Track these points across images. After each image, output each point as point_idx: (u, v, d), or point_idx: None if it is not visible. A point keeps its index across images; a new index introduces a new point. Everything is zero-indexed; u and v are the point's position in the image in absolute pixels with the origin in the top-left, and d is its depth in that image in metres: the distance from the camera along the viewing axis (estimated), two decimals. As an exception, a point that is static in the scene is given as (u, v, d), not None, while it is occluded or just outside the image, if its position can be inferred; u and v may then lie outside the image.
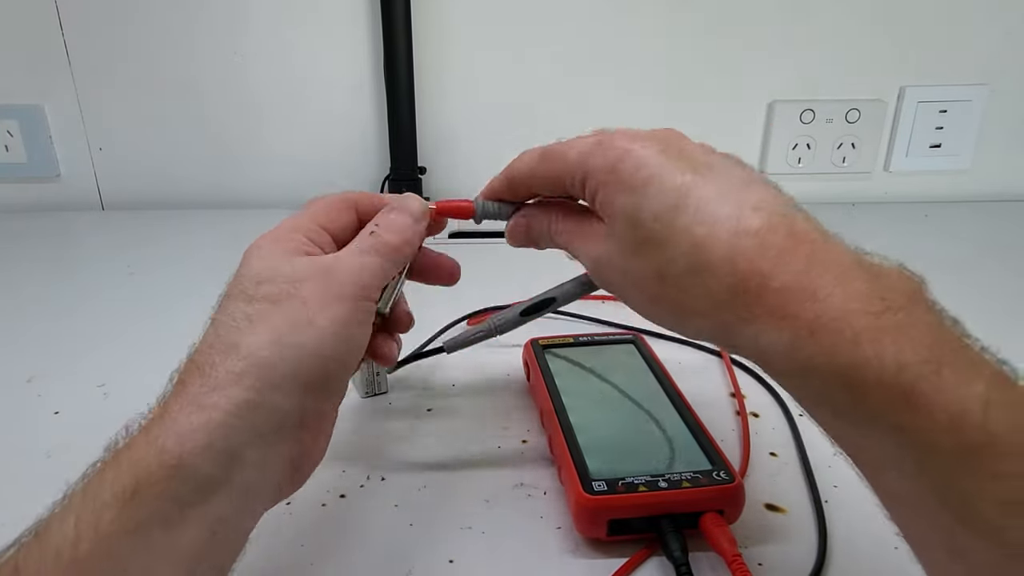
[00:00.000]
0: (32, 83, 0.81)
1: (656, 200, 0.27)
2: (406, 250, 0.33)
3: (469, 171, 0.86)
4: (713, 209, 0.26)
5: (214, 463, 0.24)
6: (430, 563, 0.34)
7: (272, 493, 0.28)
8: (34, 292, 0.64)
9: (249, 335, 0.26)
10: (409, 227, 0.33)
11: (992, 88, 0.83)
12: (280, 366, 0.26)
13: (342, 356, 0.28)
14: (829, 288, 0.24)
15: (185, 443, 0.24)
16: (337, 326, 0.28)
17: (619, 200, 0.28)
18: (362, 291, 0.29)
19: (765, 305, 0.25)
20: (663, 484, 0.33)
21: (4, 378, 0.50)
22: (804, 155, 0.85)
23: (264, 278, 0.28)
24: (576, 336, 0.48)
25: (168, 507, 0.24)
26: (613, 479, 0.34)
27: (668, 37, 0.81)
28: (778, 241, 0.26)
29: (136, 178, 0.86)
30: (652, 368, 0.44)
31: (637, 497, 0.33)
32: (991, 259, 0.71)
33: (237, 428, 0.25)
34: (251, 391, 0.25)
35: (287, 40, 0.81)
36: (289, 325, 0.27)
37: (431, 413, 0.45)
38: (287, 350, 0.26)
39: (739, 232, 0.26)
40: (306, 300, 0.27)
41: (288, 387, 0.26)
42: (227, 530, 0.25)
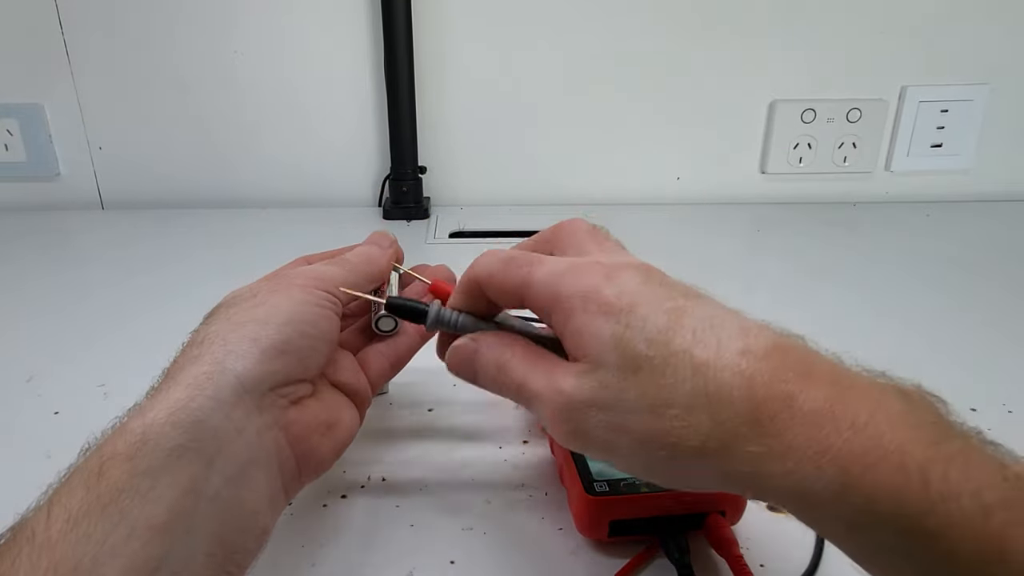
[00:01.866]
0: (32, 83, 0.81)
1: (647, 323, 0.24)
2: (366, 269, 0.36)
3: (469, 171, 0.86)
4: (714, 331, 0.24)
5: (179, 433, 0.25)
6: (431, 564, 0.34)
7: (267, 462, 0.28)
8: (34, 292, 0.64)
9: (206, 330, 0.29)
10: (371, 252, 0.37)
11: (993, 88, 0.83)
12: (231, 336, 0.28)
13: (296, 322, 0.30)
14: (867, 413, 0.22)
15: (147, 421, 0.25)
16: (285, 302, 0.30)
17: (600, 326, 0.25)
18: (314, 283, 0.32)
19: (797, 435, 0.22)
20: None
21: (4, 378, 0.50)
22: (805, 155, 0.84)
23: (225, 300, 0.32)
24: None
25: (137, 480, 0.23)
26: (615, 480, 0.34)
27: (669, 37, 0.81)
28: (793, 363, 0.23)
29: (136, 178, 0.86)
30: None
31: (639, 498, 0.33)
32: (992, 259, 0.71)
33: (196, 399, 0.26)
34: (206, 364, 0.27)
35: (287, 40, 0.81)
36: (242, 312, 0.30)
37: (432, 413, 0.45)
38: (239, 326, 0.29)
39: (748, 353, 0.23)
40: (257, 294, 0.31)
41: (243, 352, 0.28)
42: (208, 490, 0.25)
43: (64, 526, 0.22)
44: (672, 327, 0.24)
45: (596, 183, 0.87)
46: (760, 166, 0.87)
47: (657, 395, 0.23)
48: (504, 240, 0.72)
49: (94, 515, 0.22)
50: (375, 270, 0.37)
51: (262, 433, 0.28)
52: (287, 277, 0.32)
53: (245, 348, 0.28)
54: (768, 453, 0.22)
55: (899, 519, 0.20)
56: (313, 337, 0.30)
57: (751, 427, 0.22)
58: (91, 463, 0.24)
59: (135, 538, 0.22)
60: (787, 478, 0.22)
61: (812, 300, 0.62)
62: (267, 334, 0.28)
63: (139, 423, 0.25)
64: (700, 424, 0.23)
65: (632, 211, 0.83)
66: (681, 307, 0.25)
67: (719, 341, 0.24)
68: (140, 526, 0.23)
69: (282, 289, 0.31)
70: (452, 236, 0.78)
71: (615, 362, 0.24)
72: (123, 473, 0.23)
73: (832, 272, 0.68)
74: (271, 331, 0.29)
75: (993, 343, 0.54)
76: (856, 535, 0.22)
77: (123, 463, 0.23)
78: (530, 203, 0.87)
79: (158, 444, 0.24)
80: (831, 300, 0.62)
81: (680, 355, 0.24)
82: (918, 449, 0.21)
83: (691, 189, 0.87)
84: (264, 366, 0.28)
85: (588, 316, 0.25)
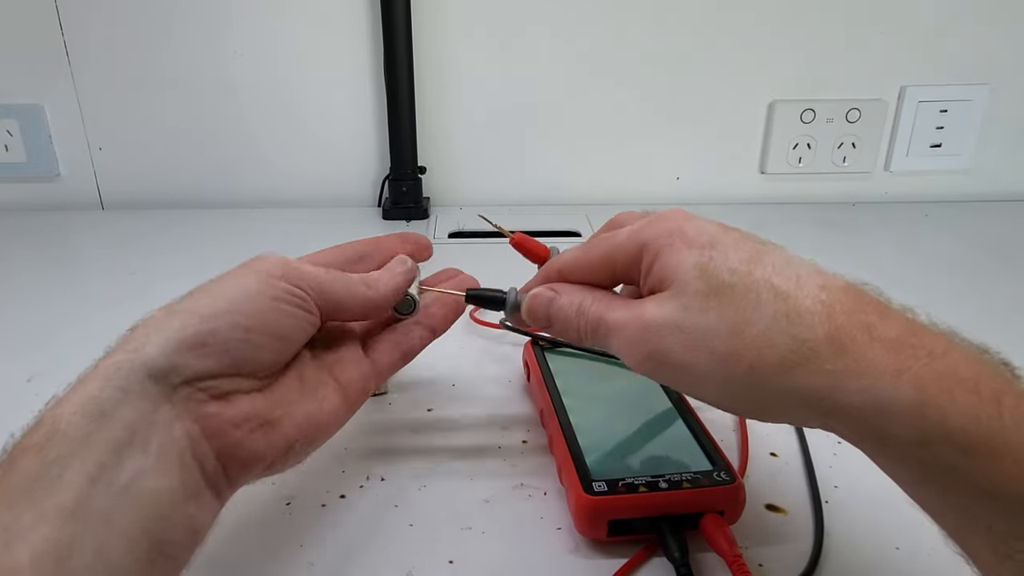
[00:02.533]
0: (32, 83, 0.81)
1: (728, 256, 0.26)
2: (361, 294, 0.33)
3: (469, 171, 0.86)
4: (792, 268, 0.26)
5: (87, 422, 0.24)
6: (430, 563, 0.34)
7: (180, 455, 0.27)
8: (34, 292, 0.64)
9: (149, 314, 0.28)
10: (369, 298, 0.34)
11: (993, 88, 0.83)
12: (158, 325, 0.27)
13: (234, 313, 0.28)
14: (943, 347, 0.23)
15: (58, 412, 0.25)
16: (233, 289, 0.28)
17: (685, 257, 0.27)
18: (280, 272, 0.30)
19: (876, 356, 0.23)
20: (663, 485, 0.33)
21: (4, 378, 0.50)
22: (805, 155, 0.84)
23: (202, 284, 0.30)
24: None
25: (46, 469, 0.23)
26: (613, 479, 0.34)
27: (668, 37, 0.81)
28: (870, 301, 0.25)
29: (136, 178, 0.86)
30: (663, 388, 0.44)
31: (637, 498, 0.33)
32: (992, 259, 0.71)
33: (105, 389, 0.25)
34: (121, 353, 0.26)
35: (287, 40, 0.81)
36: (189, 297, 0.28)
37: (431, 413, 0.45)
38: (172, 313, 0.28)
39: (827, 287, 0.25)
40: (223, 275, 0.29)
41: (158, 342, 0.27)
42: (119, 480, 0.24)
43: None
44: (752, 261, 0.26)
45: (596, 183, 0.87)
46: (760, 166, 0.87)
47: (738, 317, 0.25)
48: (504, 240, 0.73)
49: (1, 505, 0.22)
50: (369, 298, 0.33)
51: (171, 425, 0.26)
52: (259, 262, 0.30)
53: (162, 338, 0.27)
54: (846, 370, 0.23)
55: (969, 436, 0.21)
56: (254, 331, 0.28)
57: (830, 347, 0.24)
58: (6, 458, 0.24)
59: (44, 523, 0.22)
60: (863, 393, 0.23)
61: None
62: (191, 324, 0.27)
63: (51, 414, 0.25)
64: (780, 342, 0.24)
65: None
66: (759, 248, 0.27)
67: (798, 276, 0.25)
68: (49, 512, 0.22)
69: (241, 276, 0.29)
70: (452, 236, 0.78)
71: (697, 287, 0.26)
72: (32, 463, 0.23)
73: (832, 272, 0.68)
74: (196, 321, 0.27)
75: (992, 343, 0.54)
76: (921, 452, 0.22)
77: (33, 454, 0.23)
78: (530, 203, 0.87)
79: (66, 433, 0.24)
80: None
81: (761, 283, 0.25)
82: (993, 382, 0.22)
83: (691, 189, 0.87)
84: (178, 358, 0.27)
85: (673, 250, 0.27)
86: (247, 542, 0.35)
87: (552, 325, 0.31)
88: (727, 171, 0.87)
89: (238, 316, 0.28)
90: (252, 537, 0.35)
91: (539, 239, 0.39)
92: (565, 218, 0.80)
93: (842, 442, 0.25)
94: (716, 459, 0.35)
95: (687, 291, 0.26)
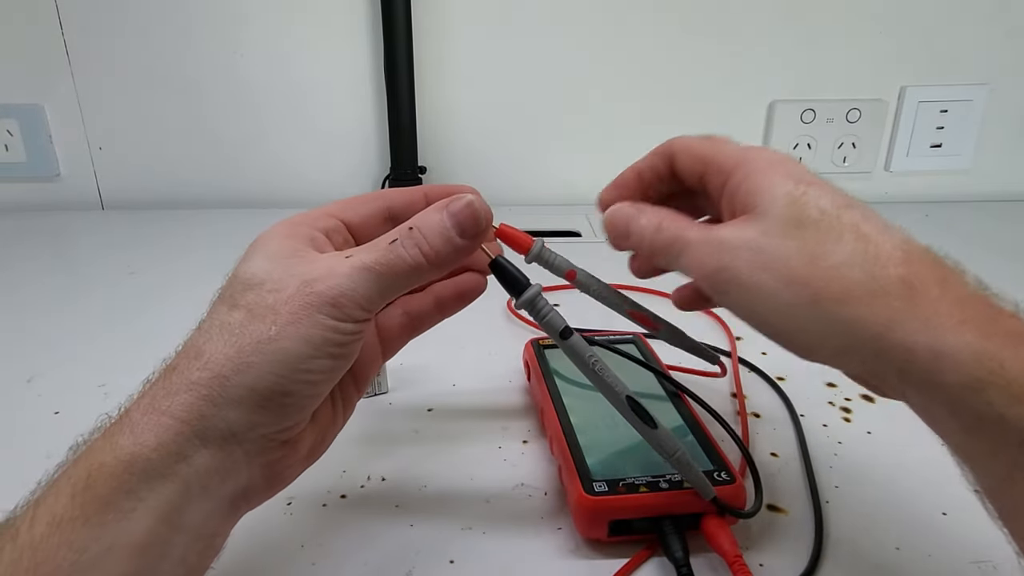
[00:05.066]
0: (32, 83, 0.81)
1: (822, 197, 0.27)
2: (428, 271, 0.28)
3: (469, 171, 0.86)
4: (879, 220, 0.27)
5: (162, 460, 0.25)
6: (431, 563, 0.34)
7: (238, 495, 0.27)
8: (34, 292, 0.64)
9: (215, 344, 0.26)
10: (449, 242, 0.28)
11: (993, 88, 0.83)
12: (234, 379, 0.25)
13: (304, 370, 0.26)
14: (1011, 310, 0.24)
15: (138, 442, 0.25)
16: (299, 345, 0.26)
17: (780, 184, 0.27)
18: (341, 313, 0.26)
19: (944, 303, 0.24)
20: (664, 485, 0.33)
21: (4, 378, 0.50)
22: (805, 155, 0.85)
23: (254, 283, 0.27)
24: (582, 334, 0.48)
25: (120, 498, 0.24)
26: (614, 480, 0.34)
27: (668, 37, 0.81)
28: (947, 264, 0.26)
29: (136, 178, 0.86)
30: (653, 368, 0.44)
31: (638, 498, 0.33)
32: (992, 259, 0.71)
33: (185, 435, 0.25)
34: (203, 401, 0.25)
35: (287, 40, 0.81)
36: (254, 341, 0.26)
37: (431, 413, 0.45)
38: (244, 367, 0.25)
39: (909, 242, 0.26)
40: (277, 312, 0.26)
41: (238, 402, 0.25)
42: (183, 522, 0.25)
43: (47, 529, 0.23)
44: (844, 207, 0.27)
45: (596, 183, 0.86)
46: (760, 166, 0.87)
47: (817, 249, 0.26)
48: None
49: (78, 524, 0.23)
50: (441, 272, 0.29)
51: (241, 475, 0.27)
52: (309, 295, 0.26)
53: (241, 396, 0.25)
54: (911, 309, 0.24)
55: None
56: (319, 383, 0.27)
57: (900, 287, 0.24)
58: (79, 469, 0.24)
59: (113, 555, 0.23)
60: (921, 334, 0.23)
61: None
62: (266, 387, 0.26)
63: (129, 441, 0.25)
64: (853, 275, 0.25)
65: (632, 211, 0.83)
66: (853, 201, 0.27)
67: (886, 226, 0.26)
68: (120, 544, 0.23)
69: (303, 322, 0.26)
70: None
71: (783, 215, 0.27)
72: (109, 489, 0.24)
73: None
74: (272, 383, 0.26)
75: None
76: (974, 397, 0.23)
77: (109, 479, 0.24)
78: (530, 203, 0.87)
79: (144, 470, 0.24)
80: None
81: (847, 225, 0.26)
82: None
83: (691, 189, 0.87)
84: (255, 418, 0.26)
85: (771, 175, 0.28)
86: (248, 542, 0.35)
87: (629, 238, 0.32)
88: (727, 171, 0.87)
89: (309, 374, 0.26)
90: (253, 537, 0.35)
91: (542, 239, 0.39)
92: (565, 218, 0.80)
93: (842, 442, 0.25)
94: (717, 459, 0.35)
95: (772, 215, 0.27)
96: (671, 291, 0.35)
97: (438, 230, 0.28)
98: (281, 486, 0.30)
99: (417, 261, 0.27)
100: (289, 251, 0.28)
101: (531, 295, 0.31)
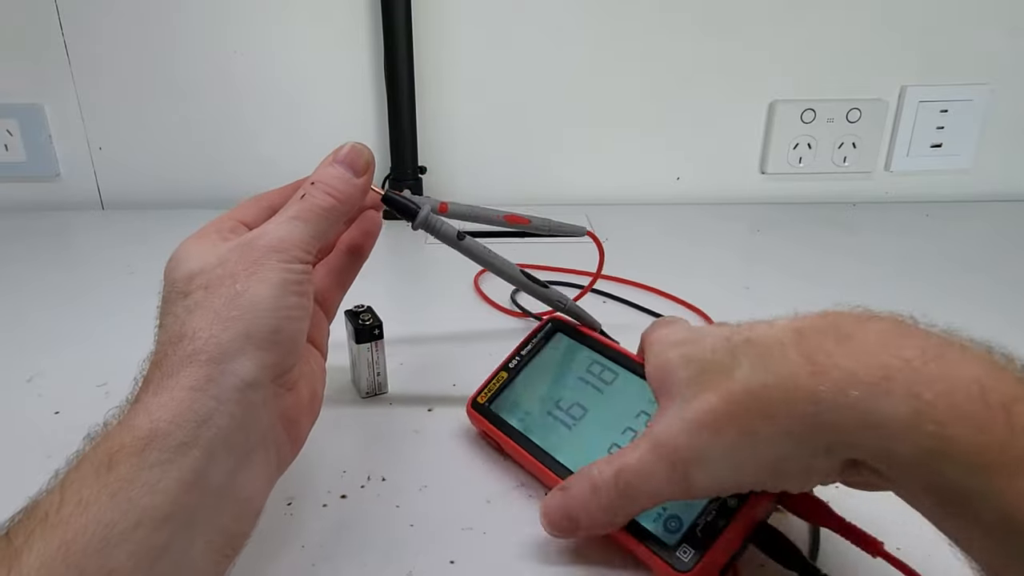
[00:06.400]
0: (32, 83, 0.81)
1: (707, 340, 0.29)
2: (340, 209, 0.32)
3: (469, 171, 0.86)
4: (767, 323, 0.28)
5: (183, 430, 0.25)
6: (430, 563, 0.34)
7: (267, 451, 0.29)
8: (34, 292, 0.64)
9: (191, 323, 0.28)
10: (348, 183, 0.33)
11: (993, 88, 0.83)
12: (226, 336, 0.27)
13: (282, 307, 0.29)
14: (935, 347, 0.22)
15: (154, 418, 0.25)
16: (267, 288, 0.28)
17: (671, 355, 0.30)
18: (287, 256, 0.30)
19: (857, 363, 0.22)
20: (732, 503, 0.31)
21: (4, 378, 0.50)
22: (805, 155, 0.84)
23: (195, 272, 0.29)
24: (503, 365, 0.43)
25: (145, 473, 0.24)
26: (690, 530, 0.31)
27: (668, 37, 0.81)
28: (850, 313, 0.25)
29: (136, 178, 0.86)
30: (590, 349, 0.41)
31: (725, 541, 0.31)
32: (992, 259, 0.71)
33: (200, 400, 0.26)
34: (206, 366, 0.27)
35: (287, 40, 0.81)
36: (224, 301, 0.28)
37: (431, 413, 0.45)
38: (230, 322, 0.27)
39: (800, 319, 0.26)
40: (234, 274, 0.28)
41: (239, 352, 0.27)
42: (211, 485, 0.26)
43: (75, 509, 0.23)
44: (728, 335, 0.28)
45: (596, 183, 0.87)
46: (760, 166, 0.87)
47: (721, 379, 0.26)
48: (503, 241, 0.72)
49: (104, 502, 0.23)
50: (349, 210, 0.33)
51: (263, 425, 0.28)
52: (254, 251, 0.29)
53: (240, 346, 0.27)
54: (826, 388, 0.21)
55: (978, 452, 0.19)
56: (298, 319, 0.30)
57: (805, 368, 0.22)
58: (99, 454, 0.25)
59: (142, 527, 0.24)
60: (851, 409, 0.21)
61: (811, 300, 0.62)
62: (258, 329, 0.28)
63: (144, 419, 0.25)
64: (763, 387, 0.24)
65: (632, 211, 0.83)
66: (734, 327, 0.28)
67: (771, 324, 0.26)
68: (147, 516, 0.24)
69: (260, 271, 0.29)
70: (452, 236, 0.78)
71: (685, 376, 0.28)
72: (131, 467, 0.24)
73: (831, 272, 0.68)
74: (262, 325, 0.28)
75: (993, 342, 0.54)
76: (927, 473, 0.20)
77: (131, 457, 0.24)
78: (530, 203, 0.87)
79: (164, 442, 0.25)
80: (830, 300, 0.62)
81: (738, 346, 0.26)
82: (1001, 386, 0.20)
83: (691, 189, 0.87)
84: (262, 361, 0.28)
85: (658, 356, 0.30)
86: (248, 542, 0.35)
87: (580, 523, 0.31)
88: (727, 171, 0.87)
89: (287, 310, 0.29)
90: (253, 537, 0.35)
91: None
92: (565, 218, 0.80)
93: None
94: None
95: (679, 385, 0.28)
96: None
97: (335, 174, 0.33)
98: (300, 440, 0.32)
99: (330, 203, 0.32)
100: (210, 244, 0.30)
101: (424, 215, 0.38)
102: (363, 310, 0.46)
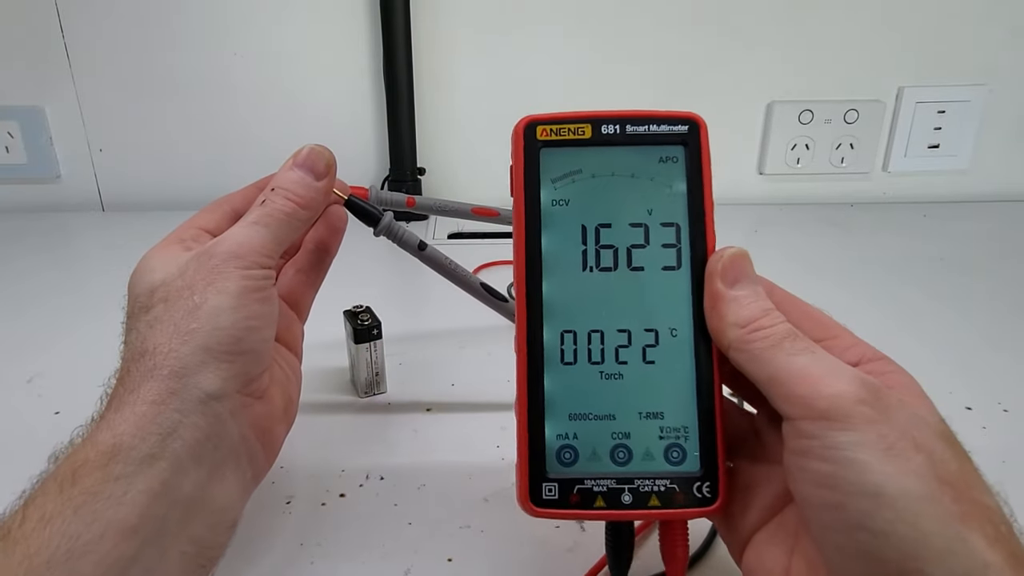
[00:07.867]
0: (32, 84, 0.81)
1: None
2: (303, 214, 0.31)
3: (469, 171, 0.86)
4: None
5: (147, 443, 0.25)
6: (429, 562, 0.34)
7: (238, 460, 0.28)
8: (34, 292, 0.64)
9: (152, 338, 0.27)
10: (308, 187, 0.32)
11: (991, 88, 0.83)
12: (185, 349, 0.27)
13: (243, 317, 0.28)
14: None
15: (117, 433, 0.25)
16: (226, 298, 0.28)
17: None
18: (245, 262, 0.29)
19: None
20: (626, 499, 0.28)
21: (4, 378, 0.50)
22: (803, 155, 0.85)
23: (156, 285, 0.29)
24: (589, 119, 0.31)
25: (110, 486, 0.24)
26: (569, 481, 0.29)
27: (667, 38, 0.81)
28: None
29: (136, 179, 0.86)
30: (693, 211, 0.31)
31: (592, 513, 0.28)
32: (990, 259, 0.71)
33: (164, 414, 0.26)
34: (168, 380, 0.26)
35: (287, 41, 0.81)
36: (185, 314, 0.27)
37: (430, 413, 0.46)
38: (190, 335, 0.27)
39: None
40: (192, 286, 0.28)
41: (200, 365, 0.27)
42: (179, 496, 0.25)
43: (38, 524, 0.23)
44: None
45: (595, 184, 0.87)
46: (758, 167, 0.87)
47: None
48: (503, 241, 0.73)
49: (67, 515, 0.23)
50: (312, 215, 0.32)
51: (232, 436, 0.28)
52: (212, 259, 0.29)
53: (201, 359, 0.27)
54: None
55: None
56: (261, 327, 0.29)
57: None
58: (63, 471, 0.25)
59: (107, 538, 0.23)
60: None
61: (810, 300, 0.62)
62: (218, 341, 0.27)
63: (108, 435, 0.25)
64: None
65: (630, 212, 0.83)
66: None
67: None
68: (112, 528, 0.23)
69: (218, 280, 0.28)
70: (451, 237, 0.78)
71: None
72: (95, 480, 0.24)
73: (829, 272, 0.68)
74: (222, 336, 0.27)
75: (990, 342, 0.54)
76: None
77: (95, 471, 0.24)
78: (529, 204, 0.87)
79: (128, 455, 0.25)
80: (828, 300, 0.62)
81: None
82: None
83: (689, 190, 0.87)
84: (225, 372, 0.27)
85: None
86: (247, 541, 0.35)
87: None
88: (725, 171, 0.87)
89: (248, 320, 0.28)
90: (252, 536, 0.35)
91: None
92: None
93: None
94: (710, 459, 0.28)
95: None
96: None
97: (295, 179, 0.32)
98: (274, 449, 0.31)
99: (291, 208, 0.31)
100: (172, 256, 0.30)
101: (387, 221, 0.37)
102: (362, 310, 0.46)
